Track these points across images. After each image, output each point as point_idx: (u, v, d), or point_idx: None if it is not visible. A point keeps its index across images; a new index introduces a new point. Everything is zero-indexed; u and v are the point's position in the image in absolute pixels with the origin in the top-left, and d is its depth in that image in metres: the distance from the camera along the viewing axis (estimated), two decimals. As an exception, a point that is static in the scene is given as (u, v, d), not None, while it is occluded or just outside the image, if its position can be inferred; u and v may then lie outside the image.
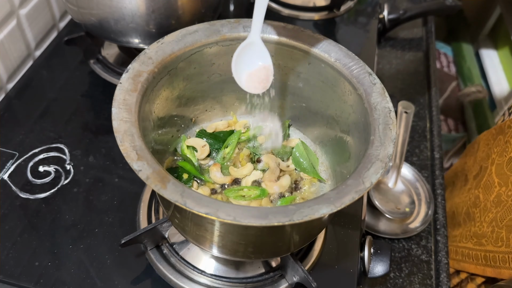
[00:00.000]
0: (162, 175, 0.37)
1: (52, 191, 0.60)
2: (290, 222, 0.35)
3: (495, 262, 0.67)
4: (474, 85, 1.27)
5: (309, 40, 0.51)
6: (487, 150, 0.77)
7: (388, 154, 0.41)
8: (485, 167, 0.75)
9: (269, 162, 0.54)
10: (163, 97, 0.49)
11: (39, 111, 0.69)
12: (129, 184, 0.61)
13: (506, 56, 1.28)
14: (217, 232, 0.43)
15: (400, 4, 1.14)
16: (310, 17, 0.94)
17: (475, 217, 0.73)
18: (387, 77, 1.00)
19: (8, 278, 0.52)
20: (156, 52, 0.47)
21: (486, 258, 0.68)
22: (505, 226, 0.65)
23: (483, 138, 0.81)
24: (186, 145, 0.54)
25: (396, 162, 0.77)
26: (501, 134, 0.74)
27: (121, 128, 0.40)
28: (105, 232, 0.56)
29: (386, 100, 0.46)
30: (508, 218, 0.65)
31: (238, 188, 0.52)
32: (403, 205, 0.75)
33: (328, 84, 0.51)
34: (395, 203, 0.75)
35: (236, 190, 0.51)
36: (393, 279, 0.67)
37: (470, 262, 0.72)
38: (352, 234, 0.59)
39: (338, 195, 0.38)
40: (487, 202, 0.71)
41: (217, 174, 0.53)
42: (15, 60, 0.75)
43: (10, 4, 0.70)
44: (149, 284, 0.53)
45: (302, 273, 0.49)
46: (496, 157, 0.73)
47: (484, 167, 0.76)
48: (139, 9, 0.62)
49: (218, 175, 0.53)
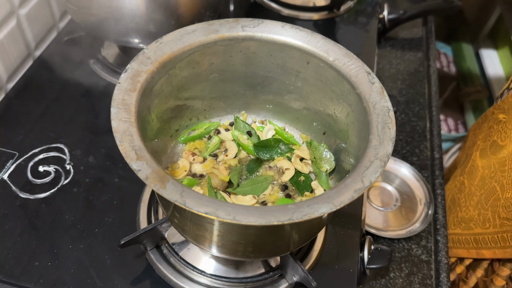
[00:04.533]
0: (161, 175, 0.37)
1: (52, 191, 0.60)
2: (290, 221, 0.35)
3: (485, 243, 0.67)
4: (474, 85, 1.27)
5: (308, 39, 0.51)
6: (473, 138, 0.79)
7: (387, 153, 0.41)
8: (470, 154, 0.77)
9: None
10: (162, 97, 0.49)
11: (39, 111, 0.69)
12: (129, 184, 0.61)
13: (506, 56, 1.28)
14: (216, 232, 0.43)
15: (400, 4, 1.14)
16: (310, 17, 0.94)
17: (460, 202, 0.74)
18: (387, 77, 1.00)
19: (8, 278, 0.52)
20: (155, 52, 0.47)
21: (477, 241, 0.69)
22: (490, 206, 0.66)
23: (471, 129, 0.83)
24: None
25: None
26: (485, 122, 0.75)
27: (120, 128, 0.40)
28: (105, 232, 0.56)
29: (385, 99, 0.46)
30: (492, 198, 0.66)
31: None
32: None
33: (327, 84, 0.51)
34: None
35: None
36: (393, 279, 0.67)
37: (462, 247, 0.72)
38: (352, 234, 0.59)
39: (338, 194, 0.38)
40: (471, 187, 0.72)
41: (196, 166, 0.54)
42: (15, 60, 0.75)
43: (10, 4, 0.71)
44: (149, 284, 0.53)
45: (302, 273, 0.49)
46: (481, 142, 0.74)
47: (469, 154, 0.77)
48: (139, 9, 0.62)
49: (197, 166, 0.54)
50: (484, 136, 0.73)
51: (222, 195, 0.50)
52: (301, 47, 0.51)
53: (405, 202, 0.77)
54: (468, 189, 0.73)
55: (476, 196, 0.70)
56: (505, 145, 0.66)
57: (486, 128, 0.74)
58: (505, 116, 0.68)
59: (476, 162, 0.73)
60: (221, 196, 0.50)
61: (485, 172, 0.69)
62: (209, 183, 0.51)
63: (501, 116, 0.69)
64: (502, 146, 0.66)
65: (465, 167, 0.77)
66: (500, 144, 0.67)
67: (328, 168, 0.53)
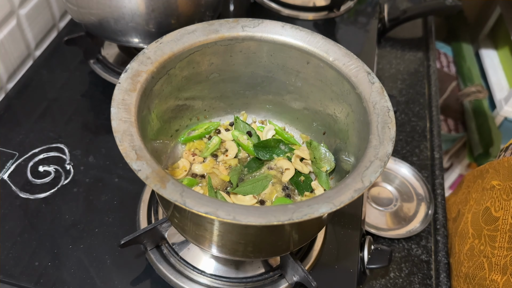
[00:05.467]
0: (161, 175, 0.37)
1: (52, 191, 0.60)
2: (290, 221, 0.35)
3: None
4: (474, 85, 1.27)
5: (308, 39, 0.51)
6: (467, 193, 0.71)
7: (387, 153, 0.41)
8: (463, 213, 0.70)
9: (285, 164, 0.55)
10: (162, 97, 0.49)
11: (39, 111, 0.69)
12: (129, 184, 0.61)
13: (506, 56, 1.28)
14: (216, 232, 0.43)
15: (400, 4, 1.14)
16: (310, 17, 0.94)
17: (452, 268, 0.68)
18: (387, 77, 1.00)
19: (8, 278, 0.52)
20: (155, 52, 0.47)
21: None
22: (477, 285, 0.60)
23: (467, 178, 0.75)
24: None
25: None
26: (480, 179, 0.68)
27: (120, 128, 0.40)
28: (105, 232, 0.56)
29: (385, 99, 0.46)
30: (478, 276, 0.59)
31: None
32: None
33: (327, 84, 0.51)
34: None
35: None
36: (393, 279, 0.67)
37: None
38: (352, 234, 0.59)
39: (338, 194, 0.38)
40: (461, 254, 0.66)
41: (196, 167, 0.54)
42: (15, 60, 0.75)
43: (10, 4, 0.71)
44: (149, 284, 0.53)
45: (302, 273, 0.49)
46: (474, 204, 0.66)
47: (461, 212, 0.71)
48: (139, 8, 0.62)
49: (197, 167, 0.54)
50: (477, 197, 0.66)
51: (222, 195, 0.50)
52: (301, 47, 0.51)
53: (405, 202, 0.77)
54: (458, 256, 0.67)
55: (464, 267, 0.64)
56: (499, 217, 0.58)
57: (480, 188, 0.66)
58: (499, 183, 0.61)
59: (467, 227, 0.66)
60: (221, 196, 0.50)
61: (474, 242, 0.62)
62: (209, 183, 0.51)
63: (495, 183, 0.62)
64: (495, 217, 0.59)
65: (457, 228, 0.70)
66: (493, 214, 0.60)
67: (328, 168, 0.53)
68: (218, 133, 0.57)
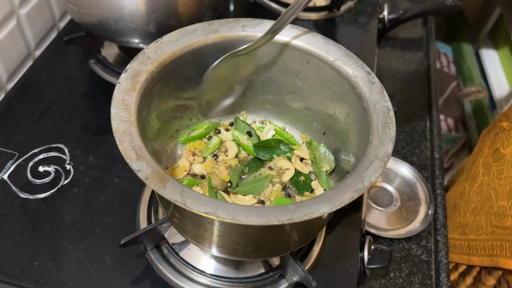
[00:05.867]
0: (161, 175, 0.37)
1: (52, 191, 0.60)
2: (290, 221, 0.35)
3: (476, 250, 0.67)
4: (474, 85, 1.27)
5: (308, 39, 0.51)
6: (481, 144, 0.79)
7: (387, 153, 0.41)
8: (475, 160, 0.77)
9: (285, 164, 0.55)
10: (162, 97, 0.49)
11: (39, 111, 0.69)
12: (129, 184, 0.61)
13: (506, 56, 1.28)
14: (216, 232, 0.43)
15: (400, 4, 1.14)
16: (310, 17, 0.94)
17: (460, 207, 0.74)
18: (387, 77, 1.00)
19: (8, 278, 0.52)
20: (155, 52, 0.47)
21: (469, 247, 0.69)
22: (484, 213, 0.66)
23: (481, 135, 0.83)
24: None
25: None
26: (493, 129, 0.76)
27: (120, 128, 0.40)
28: (105, 232, 0.56)
29: (385, 99, 0.46)
30: (486, 205, 0.66)
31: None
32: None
33: (327, 84, 0.51)
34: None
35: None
36: (393, 279, 0.67)
37: (456, 252, 0.73)
38: (352, 234, 0.59)
39: (338, 194, 0.38)
40: (470, 192, 0.72)
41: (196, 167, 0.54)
42: (15, 60, 0.75)
43: (10, 4, 0.71)
44: (149, 284, 0.53)
45: (302, 273, 0.49)
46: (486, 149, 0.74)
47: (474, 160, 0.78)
48: (139, 9, 0.62)
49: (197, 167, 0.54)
50: (490, 143, 0.74)
51: (222, 195, 0.50)
52: (301, 47, 0.51)
53: (405, 202, 0.77)
54: (467, 194, 0.73)
55: (473, 202, 0.70)
56: (506, 153, 0.66)
57: (492, 135, 0.74)
58: (508, 124, 0.68)
59: (478, 168, 0.73)
60: (221, 196, 0.50)
61: (484, 179, 0.69)
62: (209, 183, 0.51)
63: (505, 124, 0.69)
64: (503, 154, 0.67)
65: (468, 173, 0.78)
66: (501, 152, 0.68)
67: (328, 168, 0.53)
68: (218, 133, 0.57)
